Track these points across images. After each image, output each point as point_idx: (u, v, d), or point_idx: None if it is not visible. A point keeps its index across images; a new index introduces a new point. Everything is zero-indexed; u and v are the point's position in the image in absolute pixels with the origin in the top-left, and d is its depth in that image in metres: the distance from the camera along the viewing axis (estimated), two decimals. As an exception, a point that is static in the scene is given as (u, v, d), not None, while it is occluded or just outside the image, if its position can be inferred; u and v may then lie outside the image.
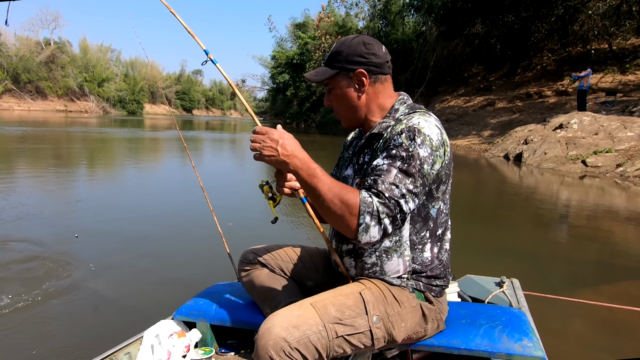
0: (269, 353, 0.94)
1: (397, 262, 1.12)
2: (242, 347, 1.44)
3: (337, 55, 1.14)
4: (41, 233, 3.55)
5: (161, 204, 4.82)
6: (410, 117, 1.08)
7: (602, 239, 4.27)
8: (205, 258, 3.06)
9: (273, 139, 0.99)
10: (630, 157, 8.44)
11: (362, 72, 1.13)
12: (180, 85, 74.12)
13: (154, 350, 1.29)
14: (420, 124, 1.04)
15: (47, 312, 2.22)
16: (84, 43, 51.99)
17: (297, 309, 1.03)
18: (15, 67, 42.39)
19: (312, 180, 0.99)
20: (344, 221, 0.97)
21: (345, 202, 0.96)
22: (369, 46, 1.13)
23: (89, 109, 47.73)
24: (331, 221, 1.02)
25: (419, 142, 1.01)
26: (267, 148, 0.99)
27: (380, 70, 1.15)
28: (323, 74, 1.15)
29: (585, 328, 2.31)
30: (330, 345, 1.00)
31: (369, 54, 1.13)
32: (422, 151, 1.01)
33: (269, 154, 0.99)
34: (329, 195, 0.97)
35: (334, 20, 27.47)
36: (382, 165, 1.00)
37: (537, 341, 1.17)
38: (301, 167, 0.99)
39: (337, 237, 1.23)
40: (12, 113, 34.83)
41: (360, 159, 1.21)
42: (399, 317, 1.09)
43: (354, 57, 1.13)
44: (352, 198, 0.96)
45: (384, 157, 1.02)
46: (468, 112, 16.99)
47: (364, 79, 1.13)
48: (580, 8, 15.08)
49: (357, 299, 1.07)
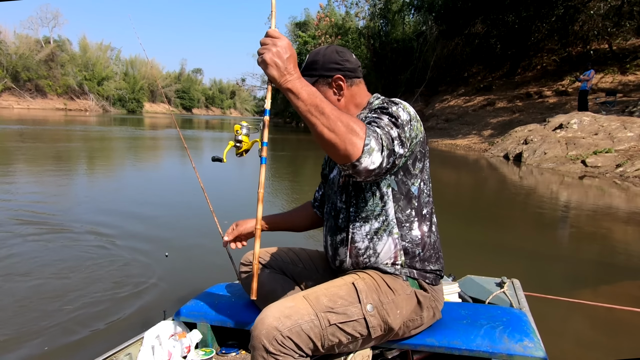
0: (262, 342, 0.96)
1: (388, 242, 1.16)
2: (242, 348, 1.43)
3: (313, 64, 1.22)
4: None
5: (160, 204, 4.81)
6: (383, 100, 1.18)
7: (602, 240, 4.27)
8: (206, 259, 3.05)
9: (276, 44, 0.95)
10: (630, 158, 8.44)
11: (339, 77, 1.21)
12: (180, 84, 74.13)
13: (155, 351, 1.29)
14: (394, 100, 1.13)
15: (47, 311, 2.22)
16: (84, 41, 51.98)
17: (290, 301, 1.05)
18: (15, 65, 42.35)
19: (314, 100, 0.92)
20: (348, 141, 0.91)
21: (352, 122, 0.92)
22: (341, 54, 1.23)
23: (89, 107, 47.70)
24: (333, 142, 0.91)
25: (398, 108, 1.07)
26: (268, 52, 0.94)
27: (354, 74, 1.24)
28: None
29: (586, 328, 2.31)
30: (324, 334, 1.02)
31: (343, 61, 1.22)
32: (403, 114, 1.06)
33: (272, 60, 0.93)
34: (334, 113, 0.92)
35: (334, 20, 27.45)
36: (374, 116, 1.05)
37: (538, 341, 1.17)
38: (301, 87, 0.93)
39: (331, 232, 1.26)
40: (12, 111, 34.79)
41: None
42: (393, 305, 1.11)
43: (330, 64, 1.21)
44: (357, 121, 0.94)
45: (374, 113, 1.08)
46: (468, 112, 17.00)
47: (341, 83, 1.21)
48: (581, 8, 15.08)
49: (350, 288, 1.10)
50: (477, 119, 16.00)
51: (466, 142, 14.21)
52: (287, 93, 0.94)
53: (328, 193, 1.34)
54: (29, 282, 2.58)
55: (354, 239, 1.19)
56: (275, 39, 0.96)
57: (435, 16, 19.17)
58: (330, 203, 1.30)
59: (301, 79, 0.95)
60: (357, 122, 0.94)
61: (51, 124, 20.80)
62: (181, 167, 8.53)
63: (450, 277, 1.90)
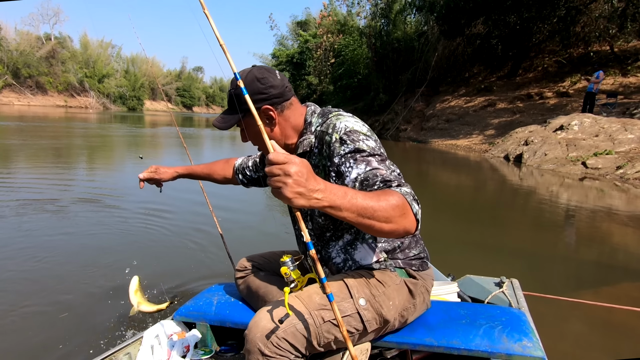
0: (257, 345, 0.96)
1: (364, 248, 1.17)
2: (241, 348, 1.43)
3: (238, 98, 1.13)
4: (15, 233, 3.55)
5: (159, 203, 4.81)
6: (329, 125, 1.10)
7: (602, 241, 4.27)
8: (205, 259, 3.05)
9: (288, 172, 0.81)
10: (631, 160, 8.44)
11: (267, 108, 1.14)
12: (180, 82, 74.08)
13: (154, 350, 1.29)
14: (347, 125, 1.07)
15: (47, 311, 2.22)
16: (85, 38, 51.93)
17: (282, 302, 1.05)
18: (16, 62, 42.31)
19: (356, 204, 0.86)
20: (405, 222, 0.91)
21: (394, 199, 0.90)
22: (263, 80, 1.13)
23: (89, 104, 47.67)
24: (393, 230, 0.91)
25: (363, 138, 1.05)
26: (296, 184, 0.81)
27: (282, 98, 1.15)
28: (229, 121, 1.18)
29: (585, 328, 2.31)
30: (320, 332, 1.02)
31: (267, 88, 1.14)
32: (370, 142, 1.05)
33: (297, 193, 0.81)
34: (381, 204, 0.88)
35: (336, 19, 27.42)
36: (369, 171, 0.99)
37: (537, 341, 1.17)
38: (337, 199, 0.84)
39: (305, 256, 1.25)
40: (12, 108, 34.75)
41: None
42: (385, 297, 1.12)
43: (253, 96, 1.10)
44: (397, 197, 0.91)
45: (358, 166, 1.00)
46: (469, 113, 16.98)
47: (271, 113, 1.15)
48: (583, 10, 15.06)
49: (341, 285, 1.10)
50: (478, 119, 15.98)
51: (467, 142, 14.20)
52: (324, 210, 0.86)
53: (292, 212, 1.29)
54: (29, 284, 2.58)
55: (330, 257, 1.21)
56: (283, 166, 0.81)
57: (437, 16, 19.13)
58: (296, 227, 1.30)
59: (328, 188, 0.84)
60: (394, 195, 0.90)
61: (65, 121, 20.79)
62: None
63: (450, 276, 1.90)
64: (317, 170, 1.13)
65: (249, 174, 1.57)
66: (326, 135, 1.09)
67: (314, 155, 1.15)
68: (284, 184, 0.81)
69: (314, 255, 0.90)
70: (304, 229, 0.89)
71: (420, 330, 1.20)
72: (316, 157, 1.14)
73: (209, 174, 1.61)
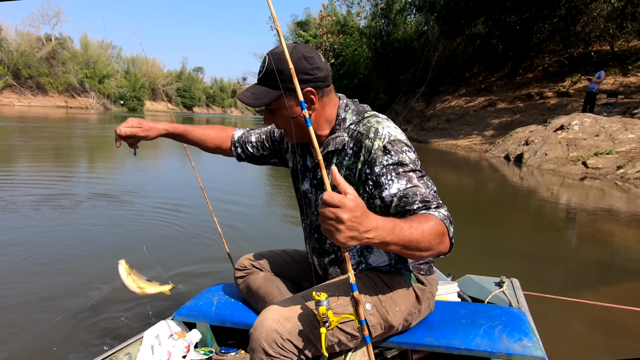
0: (261, 345, 0.96)
1: (379, 252, 1.16)
2: (241, 348, 1.44)
3: (281, 74, 1.02)
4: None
5: (159, 203, 4.81)
6: (369, 129, 1.06)
7: (602, 240, 4.27)
8: (205, 259, 3.05)
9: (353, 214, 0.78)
10: (631, 159, 8.43)
11: (310, 91, 1.05)
12: (181, 83, 74.15)
13: (154, 350, 1.29)
14: (390, 133, 1.04)
15: (47, 310, 2.22)
16: (85, 39, 51.94)
17: (288, 303, 1.05)
18: (16, 62, 42.32)
19: (403, 238, 0.86)
20: (442, 245, 0.93)
21: (436, 231, 0.91)
22: (310, 60, 1.05)
23: (90, 105, 47.70)
24: (430, 255, 0.94)
25: (406, 150, 1.03)
26: (348, 229, 0.79)
27: (325, 83, 1.09)
28: (266, 97, 1.05)
29: (585, 328, 2.31)
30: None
31: (314, 70, 1.05)
32: (411, 155, 1.03)
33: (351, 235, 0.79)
34: (424, 236, 0.89)
35: (335, 19, 27.43)
36: (409, 188, 0.98)
37: (537, 341, 1.17)
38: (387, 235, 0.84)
39: (317, 253, 1.24)
40: (13, 108, 34.78)
41: (318, 174, 1.19)
42: (392, 302, 1.11)
43: (298, 75, 1.02)
44: (436, 223, 0.92)
45: (399, 181, 0.99)
46: (469, 112, 16.98)
47: (312, 97, 1.06)
48: (583, 9, 15.05)
49: (348, 288, 1.07)
50: (478, 119, 15.97)
51: (467, 142, 14.19)
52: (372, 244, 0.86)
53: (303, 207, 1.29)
54: (29, 286, 2.58)
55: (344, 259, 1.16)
56: (337, 211, 0.77)
57: (437, 16, 19.14)
58: (308, 221, 1.26)
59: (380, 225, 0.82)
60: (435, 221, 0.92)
61: (65, 122, 20.81)
62: (180, 166, 8.53)
63: (450, 276, 1.90)
64: (349, 173, 1.09)
65: (250, 151, 1.44)
66: (366, 139, 1.05)
67: (347, 155, 1.10)
68: (336, 229, 0.79)
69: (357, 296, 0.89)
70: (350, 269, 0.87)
71: (420, 330, 1.20)
72: (350, 158, 1.09)
73: (201, 140, 1.43)
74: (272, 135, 1.41)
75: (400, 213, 0.99)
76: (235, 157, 1.48)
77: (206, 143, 1.44)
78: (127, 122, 1.27)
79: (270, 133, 1.42)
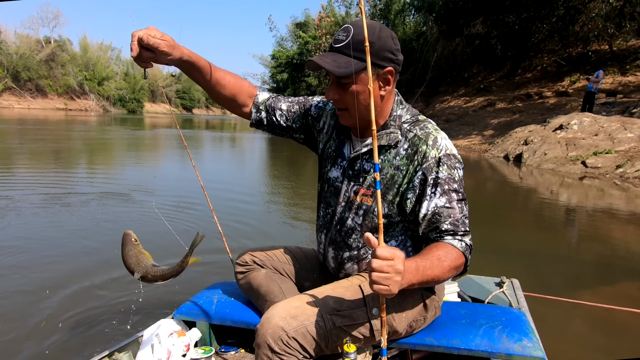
0: (267, 341, 0.96)
1: None
2: (242, 347, 1.44)
3: (370, 46, 0.95)
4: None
5: (159, 202, 4.81)
6: (428, 135, 1.06)
7: (602, 240, 4.27)
8: (205, 257, 3.05)
9: (398, 270, 0.84)
10: (630, 159, 8.44)
11: (391, 71, 1.03)
12: (180, 84, 74.09)
13: (154, 349, 1.29)
14: (447, 146, 1.06)
15: (47, 310, 2.22)
16: (84, 41, 52.00)
17: (296, 301, 1.05)
18: (16, 65, 42.35)
19: (424, 277, 0.93)
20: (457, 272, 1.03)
21: (455, 266, 1.00)
22: (395, 41, 1.03)
23: (89, 107, 47.71)
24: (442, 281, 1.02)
25: (458, 166, 1.05)
26: (394, 284, 0.84)
27: (400, 68, 1.06)
28: (347, 66, 0.98)
29: (585, 329, 2.31)
30: (329, 336, 1.02)
31: (397, 51, 1.03)
32: (460, 172, 1.06)
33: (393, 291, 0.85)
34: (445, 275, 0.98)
35: (334, 20, 27.47)
36: (445, 205, 1.02)
37: (537, 341, 1.17)
38: (412, 277, 0.90)
39: (335, 245, 1.20)
40: (12, 111, 34.78)
41: (356, 166, 1.14)
42: (399, 307, 1.11)
43: (385, 52, 1.00)
44: (456, 257, 1.00)
45: (441, 197, 1.03)
46: (468, 113, 16.98)
47: (390, 78, 1.04)
48: (582, 9, 15.08)
49: (356, 291, 1.08)
50: (477, 119, 15.98)
51: (466, 142, 14.19)
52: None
53: (325, 194, 1.24)
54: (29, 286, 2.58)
55: (364, 257, 1.17)
56: (393, 264, 0.83)
57: (436, 17, 19.16)
58: (330, 210, 1.21)
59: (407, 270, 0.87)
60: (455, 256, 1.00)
61: (65, 124, 20.80)
62: (181, 165, 8.53)
63: (450, 276, 1.90)
64: (396, 173, 1.07)
65: (276, 119, 1.27)
66: (423, 145, 1.05)
67: (399, 155, 1.07)
68: (394, 282, 0.84)
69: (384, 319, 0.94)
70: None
71: (421, 330, 1.20)
72: (402, 159, 1.07)
73: (220, 84, 1.18)
74: (308, 109, 1.28)
75: (428, 227, 1.04)
76: (253, 120, 1.29)
77: (224, 89, 1.19)
78: (148, 29, 0.97)
79: (304, 106, 1.29)
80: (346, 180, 1.16)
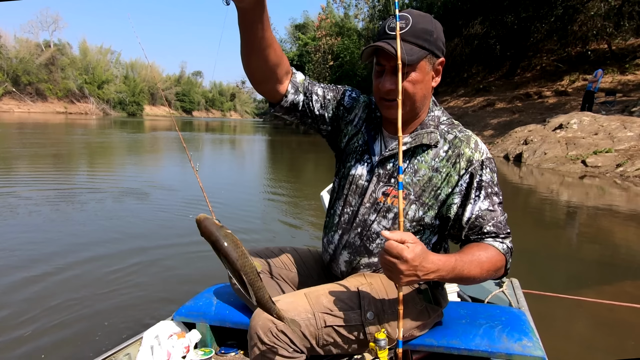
0: (257, 332, 0.97)
1: None
2: (241, 348, 1.43)
3: (428, 34, 0.98)
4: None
5: (159, 204, 4.81)
6: (469, 138, 1.07)
7: (602, 239, 4.27)
8: (205, 259, 3.05)
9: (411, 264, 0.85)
10: (630, 157, 8.44)
11: (443, 62, 1.04)
12: (180, 87, 74.17)
13: (154, 351, 1.29)
14: (487, 150, 1.08)
15: (47, 310, 2.22)
16: (84, 45, 52.10)
17: (290, 297, 1.06)
18: (15, 69, 42.45)
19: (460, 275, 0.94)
20: (496, 275, 1.02)
21: (495, 268, 1.00)
22: (443, 34, 1.04)
23: (89, 110, 47.78)
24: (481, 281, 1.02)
25: (496, 170, 1.08)
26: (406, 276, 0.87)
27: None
28: (412, 54, 0.97)
29: (586, 327, 2.31)
30: (319, 334, 1.01)
31: (444, 45, 1.04)
32: (496, 175, 1.08)
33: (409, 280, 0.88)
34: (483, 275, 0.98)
35: (333, 21, 27.53)
36: (488, 208, 1.04)
37: (537, 341, 1.17)
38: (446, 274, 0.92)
39: (352, 249, 1.14)
40: (12, 115, 34.83)
41: (389, 165, 1.09)
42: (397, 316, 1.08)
43: (440, 42, 1.01)
44: (497, 259, 1.00)
45: (484, 200, 1.04)
46: (468, 113, 16.99)
47: (440, 69, 1.04)
48: (580, 8, 15.10)
49: (353, 293, 1.07)
50: (477, 119, 15.99)
51: (466, 142, 14.20)
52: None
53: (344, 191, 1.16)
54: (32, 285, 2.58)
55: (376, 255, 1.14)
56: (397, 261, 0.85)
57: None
58: (350, 210, 1.14)
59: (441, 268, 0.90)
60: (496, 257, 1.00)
61: (66, 128, 20.84)
62: (180, 167, 8.53)
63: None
64: (435, 175, 1.06)
65: (312, 104, 1.15)
66: (466, 148, 1.05)
67: (438, 157, 1.06)
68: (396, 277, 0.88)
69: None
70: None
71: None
72: (441, 160, 1.06)
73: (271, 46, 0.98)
74: (342, 98, 1.18)
75: (471, 230, 1.04)
76: (287, 102, 1.12)
77: (270, 55, 1.00)
78: None
79: (337, 94, 1.19)
80: (375, 180, 1.10)
